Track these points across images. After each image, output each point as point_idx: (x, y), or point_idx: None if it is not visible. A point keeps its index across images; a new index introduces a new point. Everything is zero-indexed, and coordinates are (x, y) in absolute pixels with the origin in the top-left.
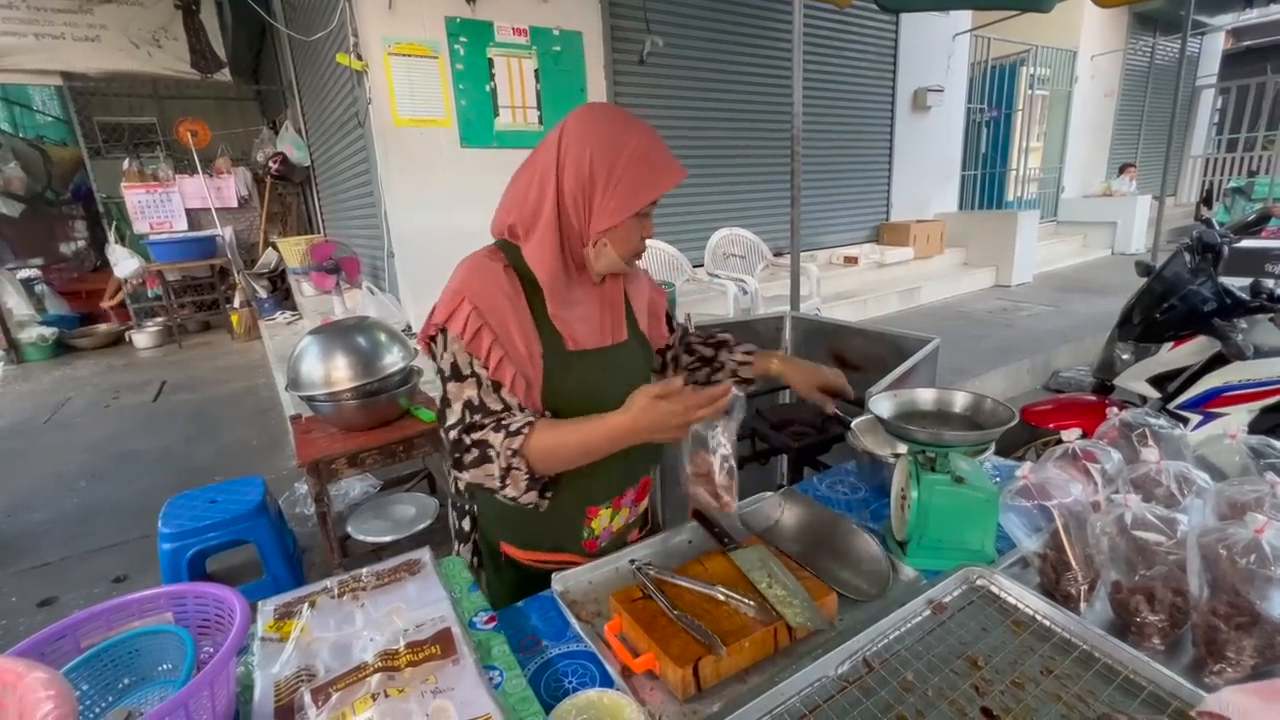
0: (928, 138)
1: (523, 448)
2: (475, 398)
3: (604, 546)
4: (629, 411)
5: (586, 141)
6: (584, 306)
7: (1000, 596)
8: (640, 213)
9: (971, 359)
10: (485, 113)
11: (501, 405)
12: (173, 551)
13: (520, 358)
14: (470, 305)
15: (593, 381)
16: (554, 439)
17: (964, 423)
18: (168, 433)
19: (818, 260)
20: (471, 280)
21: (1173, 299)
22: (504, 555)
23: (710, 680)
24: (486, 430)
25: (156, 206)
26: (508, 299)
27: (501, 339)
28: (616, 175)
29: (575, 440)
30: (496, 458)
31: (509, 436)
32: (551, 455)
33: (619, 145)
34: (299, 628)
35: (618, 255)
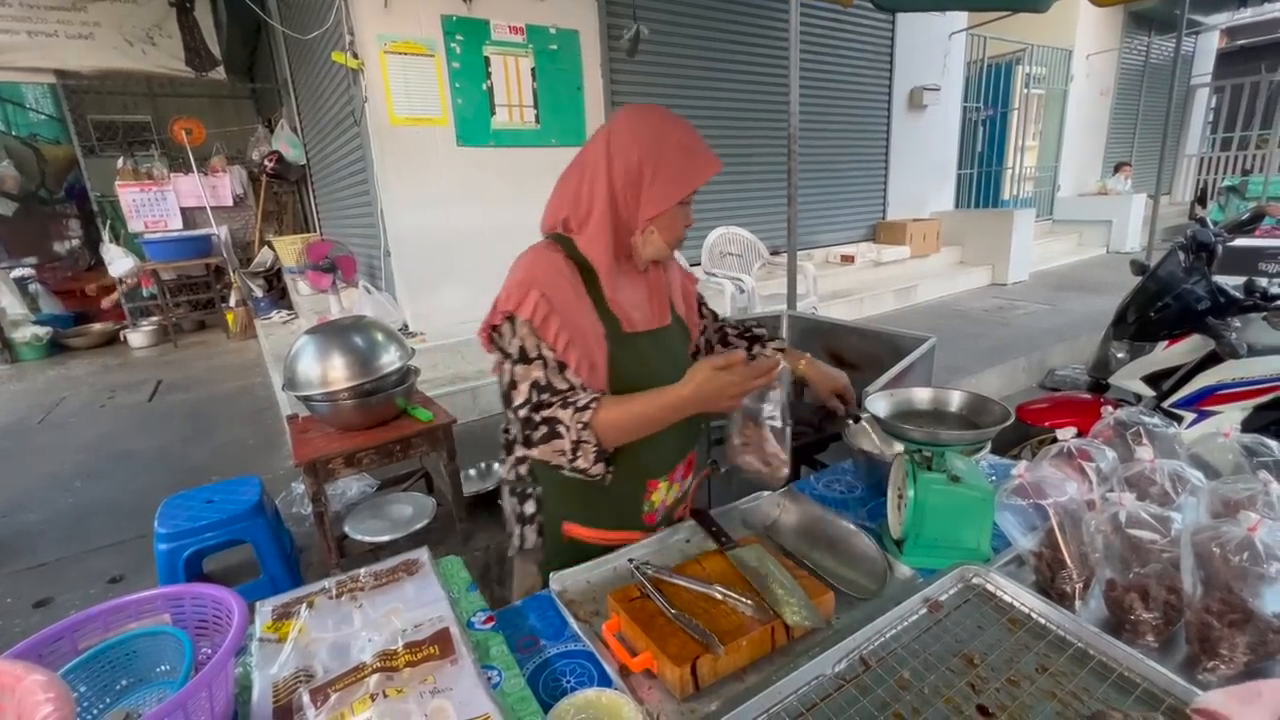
0: (924, 136)
1: (592, 421)
2: (542, 378)
3: (659, 521)
4: (690, 382)
5: (635, 137)
6: (633, 292)
7: (996, 595)
8: (682, 201)
9: (968, 358)
10: (482, 111)
11: (567, 385)
12: (169, 552)
13: (585, 341)
14: (538, 293)
15: (649, 361)
16: (621, 412)
17: (960, 422)
18: (163, 432)
19: (814, 259)
20: (537, 271)
21: (1167, 298)
22: (566, 537)
23: (708, 679)
24: (555, 408)
25: (151, 205)
26: (571, 286)
27: (568, 323)
28: (662, 166)
29: (640, 411)
30: (567, 432)
31: (578, 412)
32: (618, 427)
33: (664, 139)
34: (297, 628)
35: (663, 242)
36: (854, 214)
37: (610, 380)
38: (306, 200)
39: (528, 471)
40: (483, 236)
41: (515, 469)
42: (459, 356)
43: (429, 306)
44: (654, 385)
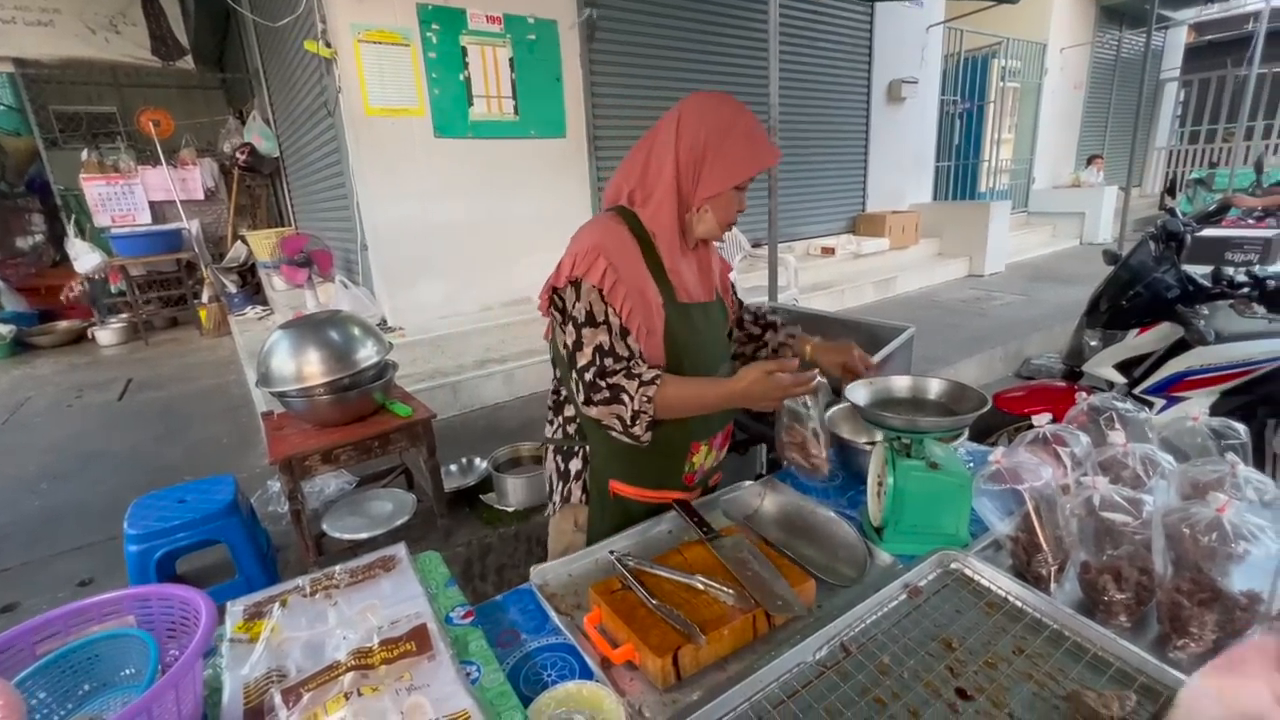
0: (902, 129)
1: (655, 396)
2: (607, 343)
3: (697, 482)
4: (743, 381)
5: (704, 120)
6: (687, 265)
7: (974, 579)
8: (738, 186)
9: (946, 348)
10: (459, 102)
11: (628, 351)
12: (139, 553)
13: (646, 308)
14: (606, 260)
15: (700, 330)
16: (681, 392)
17: (938, 409)
18: (134, 432)
19: (795, 251)
20: (606, 240)
21: (1138, 287)
22: (612, 494)
23: (690, 669)
24: (619, 376)
25: (118, 199)
26: (635, 257)
27: (632, 291)
28: (725, 150)
29: (696, 394)
30: (630, 401)
31: (643, 385)
32: (675, 405)
33: (730, 124)
34: (269, 628)
35: (716, 222)
36: (834, 206)
37: (666, 346)
38: (281, 194)
39: (576, 430)
40: (462, 229)
41: (564, 428)
42: (439, 351)
43: (408, 301)
44: (702, 353)
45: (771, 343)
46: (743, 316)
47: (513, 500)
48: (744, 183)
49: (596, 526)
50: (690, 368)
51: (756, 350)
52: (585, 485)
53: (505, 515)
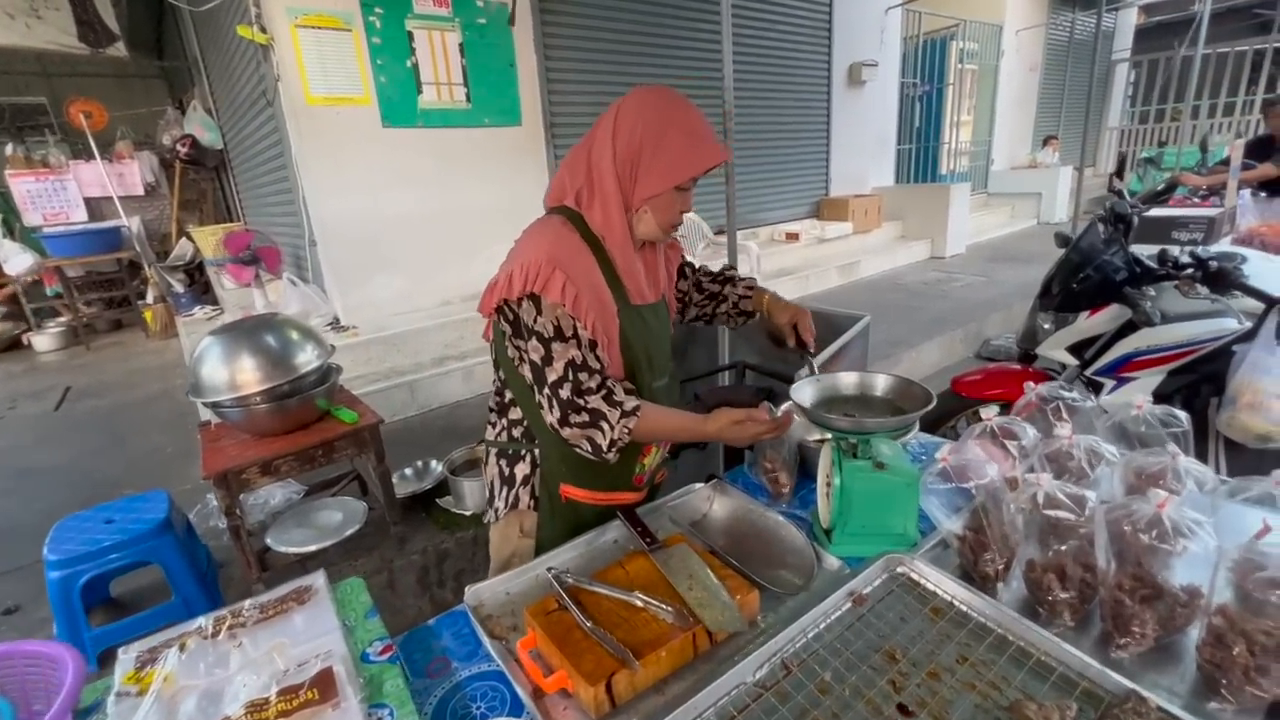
0: (864, 112)
1: (635, 428)
2: (579, 358)
3: (646, 482)
4: (716, 423)
5: (640, 115)
6: (638, 266)
7: (920, 583)
8: (680, 187)
9: (908, 330)
10: (408, 90)
11: (599, 364)
12: (61, 580)
13: (604, 316)
14: (563, 274)
15: (653, 330)
16: (658, 425)
17: (886, 406)
18: (72, 444)
19: (759, 237)
20: (558, 249)
21: (1088, 269)
22: (564, 498)
23: (625, 695)
24: (598, 398)
25: (49, 196)
26: (589, 264)
27: (593, 302)
28: (662, 149)
29: (674, 428)
30: (609, 430)
31: (625, 416)
32: (650, 435)
33: (667, 121)
34: (161, 677)
35: (656, 224)
36: (797, 191)
37: (620, 349)
38: (228, 187)
39: (522, 434)
40: (415, 222)
41: (509, 431)
42: (395, 350)
43: (361, 298)
44: (655, 353)
45: (731, 296)
46: (700, 279)
47: (470, 504)
48: (685, 183)
49: (546, 531)
50: (644, 368)
51: (717, 307)
52: (534, 490)
53: (463, 519)
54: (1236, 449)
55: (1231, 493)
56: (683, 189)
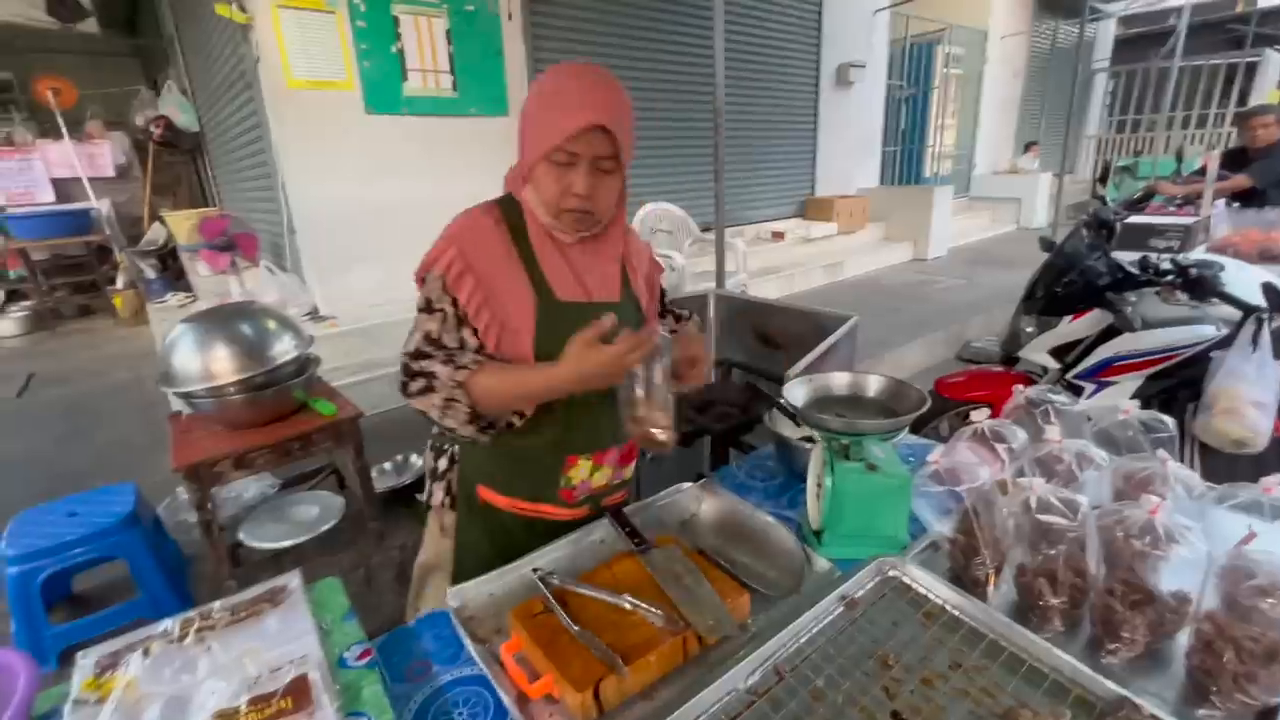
0: (851, 113)
1: (466, 381)
2: (435, 331)
3: (581, 500)
4: (565, 361)
5: (537, 88)
6: (575, 258)
7: (912, 587)
8: (554, 160)
9: (891, 331)
10: (392, 76)
11: (457, 344)
12: (20, 576)
13: (503, 306)
14: (456, 248)
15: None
16: (497, 380)
17: (877, 408)
18: (35, 434)
19: (745, 235)
20: (463, 230)
21: (1072, 274)
22: (481, 500)
23: (614, 702)
24: (434, 362)
25: (13, 175)
26: (496, 248)
27: (484, 284)
28: (537, 118)
29: (517, 382)
30: (440, 388)
31: (456, 370)
32: (491, 393)
33: (553, 90)
34: (123, 683)
35: (540, 202)
36: (784, 190)
37: (538, 350)
38: (204, 171)
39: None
40: (398, 211)
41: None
42: (375, 341)
43: (341, 288)
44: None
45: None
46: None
47: None
48: (556, 154)
49: (465, 534)
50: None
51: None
52: (450, 488)
53: None
54: (1211, 453)
55: (1219, 499)
56: (560, 163)
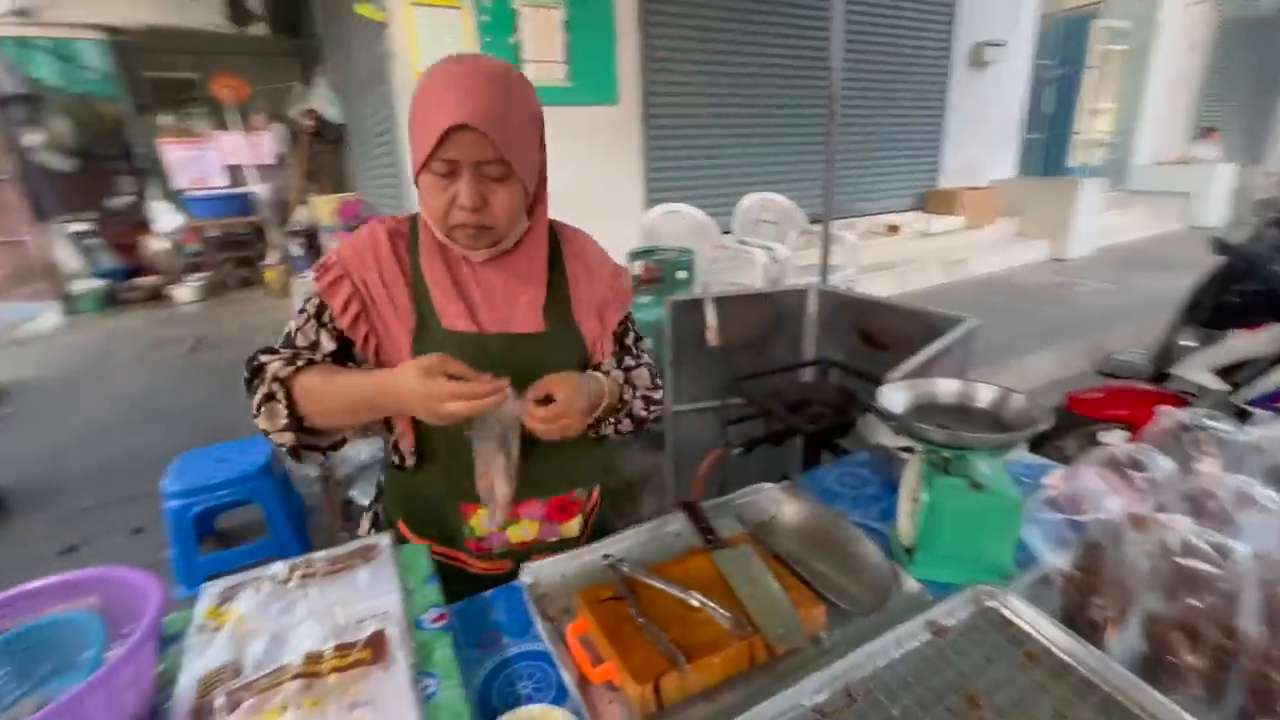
0: (986, 97)
1: (289, 379)
2: (293, 330)
3: (498, 553)
4: (398, 374)
5: (419, 88)
6: (481, 281)
7: (1013, 622)
8: (433, 170)
9: (1018, 337)
10: None
11: (308, 342)
12: (178, 509)
13: (386, 322)
14: (339, 257)
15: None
16: (322, 380)
17: (988, 420)
18: (199, 388)
19: (858, 228)
20: (346, 247)
21: (1251, 281)
22: (403, 536)
23: (674, 698)
24: (275, 358)
25: (195, 162)
26: (385, 263)
27: (364, 295)
28: (414, 123)
29: (342, 385)
30: (263, 384)
31: (285, 365)
32: (315, 396)
33: (427, 87)
34: (236, 615)
35: (431, 220)
36: (902, 180)
37: None
38: (347, 160)
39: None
40: None
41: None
42: None
43: None
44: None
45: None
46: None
47: None
48: (434, 164)
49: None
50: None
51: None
52: (376, 519)
53: None
54: None
55: None
56: (440, 174)
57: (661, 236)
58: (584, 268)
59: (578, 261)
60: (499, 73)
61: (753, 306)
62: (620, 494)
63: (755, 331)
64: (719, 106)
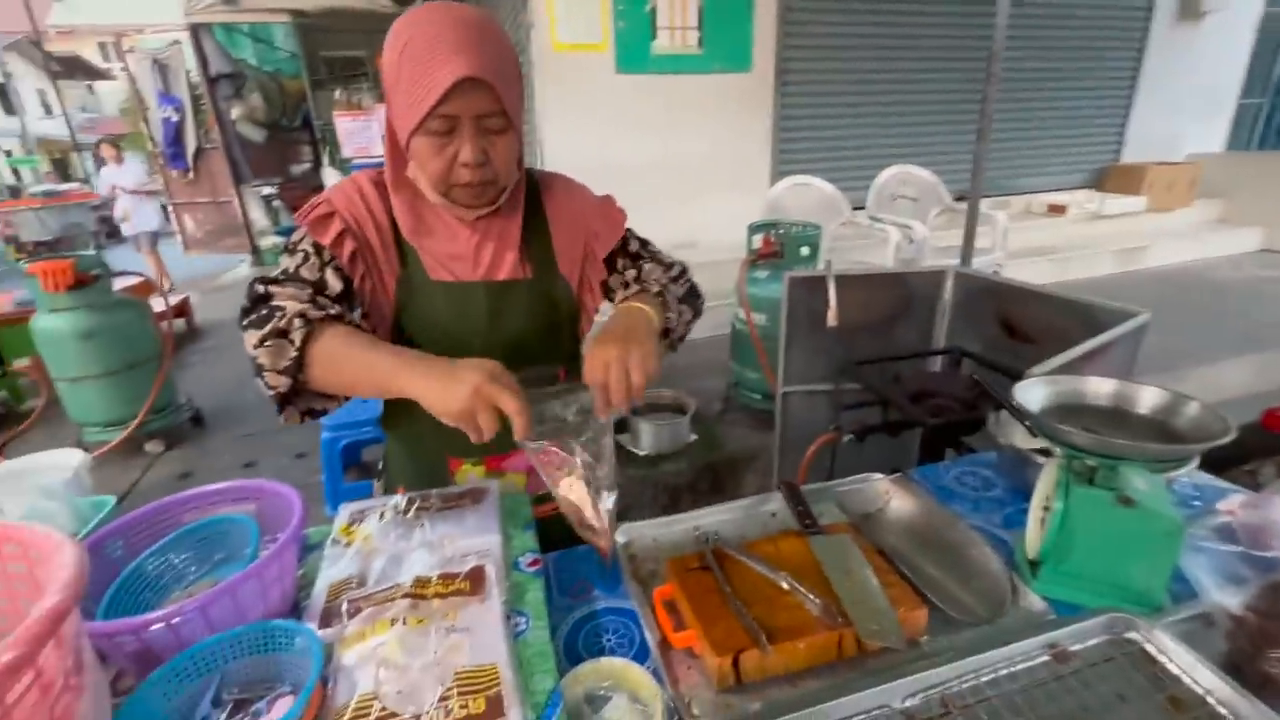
0: (1195, 57)
1: (317, 325)
2: (293, 268)
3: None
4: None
5: (392, 38)
6: (456, 232)
7: (1158, 660)
8: (430, 130)
9: (1207, 340)
10: (643, 35)
11: (315, 279)
12: (329, 440)
13: (376, 263)
14: (327, 198)
15: (455, 315)
16: (342, 341)
17: (1151, 428)
18: None
19: (1011, 207)
20: (336, 190)
21: None
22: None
23: (752, 675)
24: (286, 289)
25: (359, 133)
26: (370, 211)
27: (355, 234)
28: (394, 86)
29: (361, 354)
30: (280, 318)
31: (313, 306)
32: (328, 355)
33: (406, 39)
34: (363, 535)
35: (426, 182)
36: (1074, 154)
37: (394, 331)
38: None
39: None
40: (634, 169)
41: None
42: None
43: None
44: (459, 346)
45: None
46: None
47: (645, 445)
48: (432, 122)
49: None
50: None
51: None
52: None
53: (636, 458)
54: None
55: None
56: (438, 132)
57: (787, 210)
58: (565, 212)
59: (558, 207)
60: (484, 20)
61: (880, 287)
62: (723, 469)
63: (880, 314)
64: (858, 70)
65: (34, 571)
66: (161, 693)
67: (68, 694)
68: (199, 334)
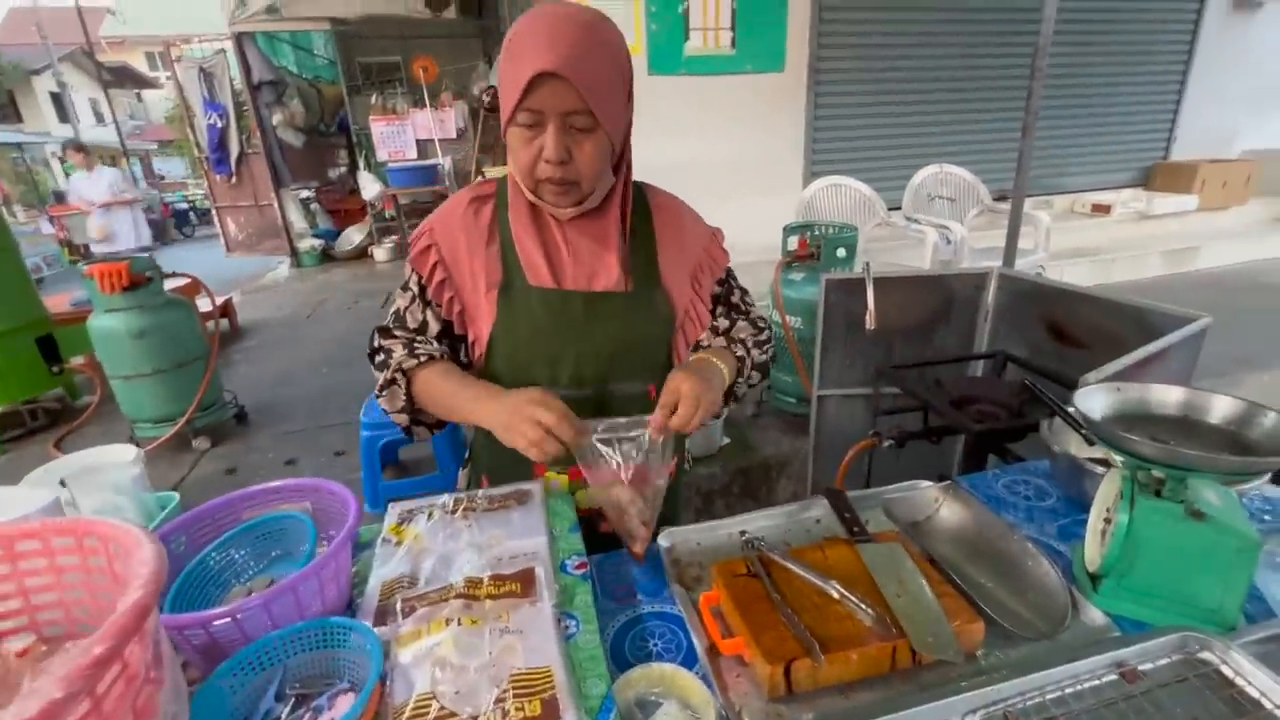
0: (1251, 48)
1: (412, 371)
2: (402, 309)
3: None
4: (501, 395)
5: (507, 34)
6: (566, 239)
7: (1234, 682)
8: (519, 123)
9: (1264, 345)
10: (675, 37)
11: (418, 323)
12: (369, 438)
13: (464, 285)
14: (429, 226)
15: (552, 324)
16: (435, 380)
17: (1222, 440)
18: None
19: (1054, 207)
20: (438, 215)
21: None
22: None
23: (804, 685)
24: (396, 342)
25: (394, 137)
26: (466, 229)
27: (447, 262)
28: (504, 71)
29: (448, 390)
30: (388, 370)
31: (409, 355)
32: (426, 393)
33: (510, 34)
34: (413, 535)
35: (519, 175)
36: (1120, 152)
37: (492, 333)
38: None
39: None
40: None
41: None
42: None
43: None
44: (549, 354)
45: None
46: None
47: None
48: (520, 114)
49: None
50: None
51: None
52: (469, 478)
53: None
54: None
55: None
56: (526, 125)
57: (820, 212)
58: (674, 231)
59: (667, 225)
60: (588, 20)
61: (920, 290)
62: (756, 474)
63: (919, 317)
64: (892, 68)
65: (113, 565)
66: (228, 685)
67: (149, 685)
68: (241, 334)
